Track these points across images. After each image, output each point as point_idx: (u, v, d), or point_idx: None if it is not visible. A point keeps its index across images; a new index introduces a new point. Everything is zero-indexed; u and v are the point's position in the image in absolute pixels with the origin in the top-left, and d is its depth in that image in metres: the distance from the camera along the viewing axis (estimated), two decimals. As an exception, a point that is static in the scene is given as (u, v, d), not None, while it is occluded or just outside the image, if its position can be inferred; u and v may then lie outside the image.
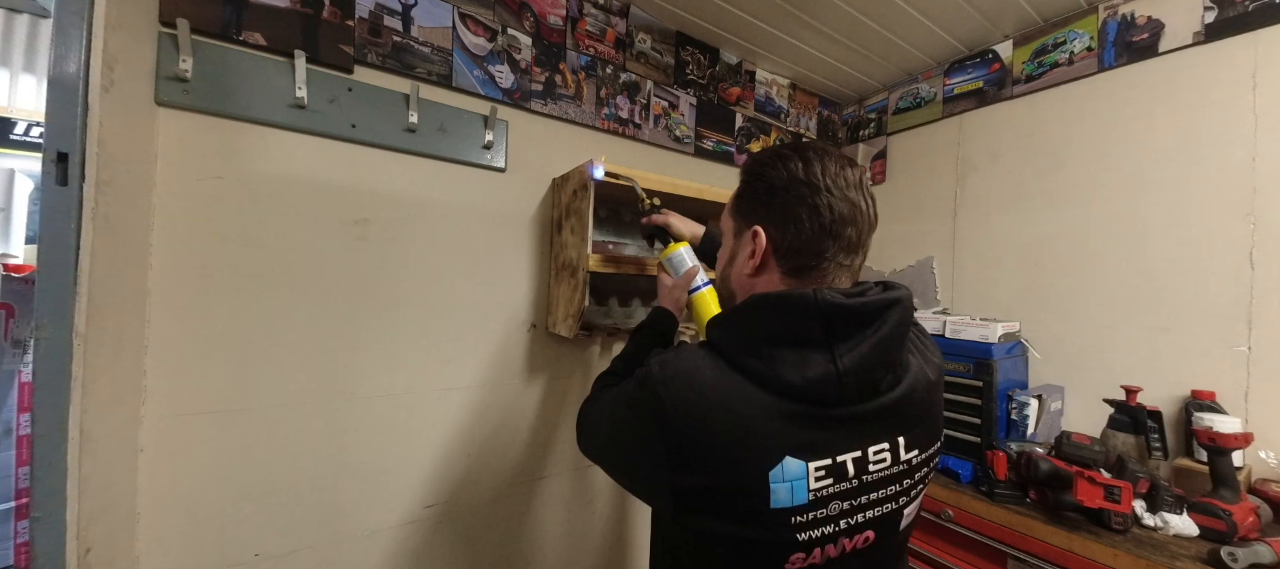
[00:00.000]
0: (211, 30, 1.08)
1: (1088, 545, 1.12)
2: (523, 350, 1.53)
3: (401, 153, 1.31)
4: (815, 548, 0.59)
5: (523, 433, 1.54)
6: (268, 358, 1.16)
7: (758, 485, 0.56)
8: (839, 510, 0.60)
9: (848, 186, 0.64)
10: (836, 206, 0.63)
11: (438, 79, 1.36)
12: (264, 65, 1.13)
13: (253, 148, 1.14)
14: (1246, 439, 1.13)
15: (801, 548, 0.59)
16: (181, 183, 1.07)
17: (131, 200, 0.98)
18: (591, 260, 1.28)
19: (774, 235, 0.66)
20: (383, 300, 1.30)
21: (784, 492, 0.57)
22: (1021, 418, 1.45)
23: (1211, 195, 1.36)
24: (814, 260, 0.64)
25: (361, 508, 1.29)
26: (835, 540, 0.60)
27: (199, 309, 1.09)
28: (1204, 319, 1.36)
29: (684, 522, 0.61)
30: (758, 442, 0.57)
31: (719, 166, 1.98)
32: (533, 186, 1.53)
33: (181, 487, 1.08)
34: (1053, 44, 1.70)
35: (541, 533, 1.59)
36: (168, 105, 1.05)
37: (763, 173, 0.68)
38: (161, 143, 1.05)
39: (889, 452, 0.62)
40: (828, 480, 0.58)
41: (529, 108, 1.51)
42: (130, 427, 1.02)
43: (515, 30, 1.48)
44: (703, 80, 1.91)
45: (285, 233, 1.18)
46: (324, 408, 1.23)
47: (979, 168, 1.88)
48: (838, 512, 0.60)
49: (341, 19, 1.21)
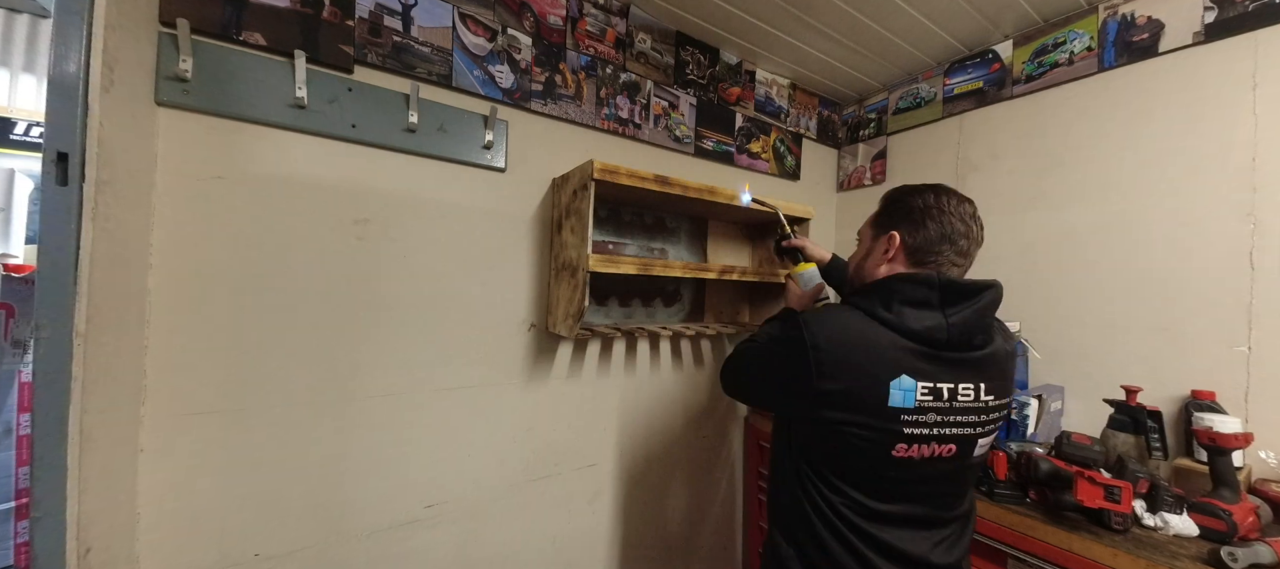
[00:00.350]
0: (211, 30, 1.08)
1: (1088, 545, 1.12)
2: (523, 350, 1.53)
3: (401, 153, 1.31)
4: (915, 444, 0.85)
5: (523, 432, 1.54)
6: (268, 358, 1.16)
7: (882, 389, 0.82)
8: (933, 421, 0.85)
9: (963, 213, 0.91)
10: (953, 223, 0.90)
11: (438, 79, 1.36)
12: (264, 65, 1.13)
13: (253, 148, 1.14)
14: (1246, 439, 1.13)
15: (904, 440, 0.84)
16: (182, 183, 1.07)
17: (131, 200, 0.98)
18: (592, 260, 1.28)
19: (906, 238, 0.92)
20: (383, 300, 1.30)
21: (898, 396, 0.83)
22: (1021, 418, 1.45)
23: (1212, 195, 1.36)
24: (931, 257, 0.90)
25: (361, 508, 1.29)
26: (928, 442, 0.86)
27: (199, 309, 1.09)
28: (1204, 319, 1.36)
29: (820, 416, 0.86)
30: (885, 361, 0.83)
31: (719, 166, 1.98)
32: (533, 186, 1.53)
33: (181, 487, 1.08)
34: (1053, 44, 1.70)
35: (543, 532, 1.59)
36: (168, 105, 1.05)
37: (903, 198, 0.95)
38: (162, 143, 1.05)
39: (973, 390, 0.87)
40: (929, 397, 0.84)
41: (529, 108, 1.51)
42: (130, 427, 1.02)
43: (515, 30, 1.48)
44: (703, 80, 1.91)
45: (285, 233, 1.18)
46: (324, 407, 1.23)
47: (979, 168, 1.88)
48: (932, 421, 0.85)
49: (341, 19, 1.21)
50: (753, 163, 2.08)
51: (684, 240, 1.88)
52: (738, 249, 2.02)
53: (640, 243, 1.77)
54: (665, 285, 1.84)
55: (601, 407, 1.71)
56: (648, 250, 1.78)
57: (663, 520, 1.86)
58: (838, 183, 2.42)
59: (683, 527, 1.91)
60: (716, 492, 2.02)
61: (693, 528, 1.93)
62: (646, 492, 1.82)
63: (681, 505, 1.91)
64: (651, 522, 1.83)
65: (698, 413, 1.94)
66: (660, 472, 1.85)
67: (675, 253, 1.85)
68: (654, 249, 1.80)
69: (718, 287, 1.96)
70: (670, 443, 1.87)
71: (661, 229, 1.82)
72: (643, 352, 1.80)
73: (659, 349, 1.84)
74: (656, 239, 1.81)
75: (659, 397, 1.84)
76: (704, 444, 1.96)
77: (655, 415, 1.83)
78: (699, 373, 1.95)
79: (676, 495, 1.89)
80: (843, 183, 2.39)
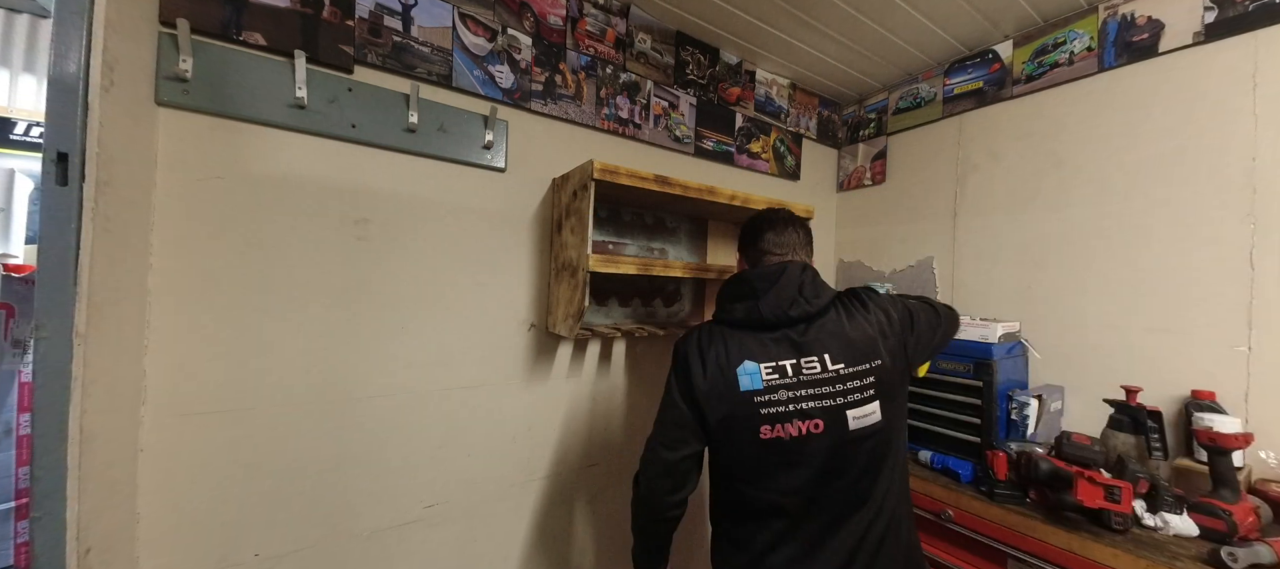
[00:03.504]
0: (211, 30, 1.08)
1: (1087, 545, 1.12)
2: (523, 350, 1.53)
3: (402, 153, 1.31)
4: (777, 423, 0.94)
5: (522, 432, 1.54)
6: (268, 358, 1.16)
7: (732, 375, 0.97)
8: (786, 398, 0.94)
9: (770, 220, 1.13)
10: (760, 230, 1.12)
11: (438, 79, 1.36)
12: (264, 65, 1.13)
13: (253, 148, 1.14)
14: (1246, 439, 1.13)
15: (766, 421, 0.94)
16: (182, 183, 1.07)
17: (132, 200, 0.98)
18: (592, 260, 1.28)
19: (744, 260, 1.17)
20: (383, 300, 1.30)
21: (746, 380, 0.96)
22: (1021, 418, 1.45)
23: (1211, 195, 1.36)
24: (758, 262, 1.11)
25: (361, 508, 1.29)
26: (789, 420, 0.94)
27: (199, 309, 1.09)
28: (1204, 319, 1.36)
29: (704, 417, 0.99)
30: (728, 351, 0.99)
31: (719, 166, 1.98)
32: (533, 186, 1.53)
33: (181, 487, 1.08)
34: (1053, 44, 1.70)
35: (543, 532, 1.59)
36: (168, 105, 1.05)
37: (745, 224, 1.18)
38: (162, 143, 1.05)
39: (817, 362, 0.95)
40: (774, 376, 0.95)
41: (529, 108, 1.51)
42: (130, 427, 1.02)
43: (515, 30, 1.48)
44: (703, 80, 1.91)
45: (285, 233, 1.18)
46: (324, 407, 1.23)
47: (979, 168, 1.88)
48: (785, 399, 0.94)
49: (341, 19, 1.21)
50: (753, 163, 2.08)
51: (684, 240, 1.88)
52: (738, 249, 2.02)
53: (640, 243, 1.77)
54: (665, 285, 1.84)
55: (602, 407, 1.71)
56: (648, 250, 1.78)
57: (663, 520, 1.86)
58: (838, 183, 2.42)
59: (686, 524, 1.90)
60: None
61: (694, 525, 1.93)
62: (646, 492, 1.81)
63: (681, 505, 1.90)
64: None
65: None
66: (660, 472, 1.85)
67: (675, 253, 1.85)
68: (654, 249, 1.80)
69: (717, 286, 1.95)
70: (670, 443, 1.87)
71: (661, 229, 1.82)
72: (642, 351, 1.80)
73: (659, 349, 1.84)
74: (656, 239, 1.81)
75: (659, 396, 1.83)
76: (704, 444, 1.96)
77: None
78: (699, 373, 1.94)
79: (676, 495, 1.89)
80: (843, 183, 2.39)
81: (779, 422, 0.93)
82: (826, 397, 0.94)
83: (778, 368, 0.95)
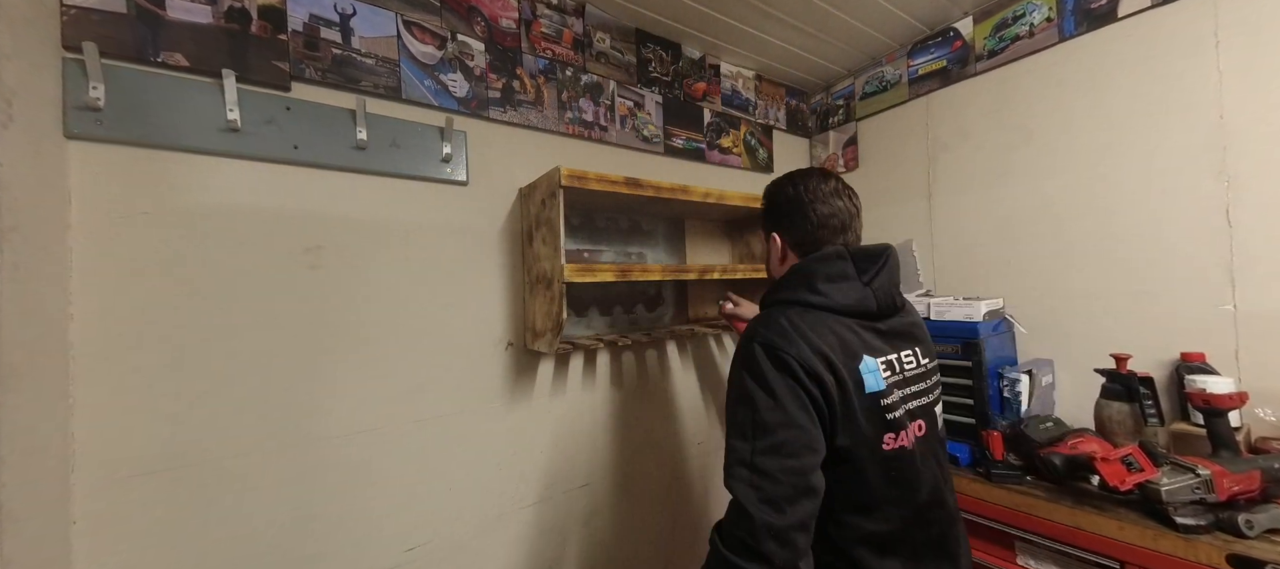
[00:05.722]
0: (125, 53, 0.98)
1: (1094, 520, 1.10)
2: (501, 371, 1.45)
3: (352, 172, 1.22)
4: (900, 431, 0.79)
5: (507, 458, 1.45)
6: (214, 406, 1.06)
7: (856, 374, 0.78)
8: (898, 399, 0.80)
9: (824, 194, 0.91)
10: (817, 209, 0.90)
11: (386, 92, 1.28)
12: (188, 87, 1.04)
13: (183, 178, 1.04)
14: (1241, 398, 1.12)
15: (891, 428, 0.79)
16: (102, 222, 0.97)
17: (44, 246, 0.88)
18: (567, 270, 1.21)
19: (786, 236, 0.95)
20: (343, 331, 1.21)
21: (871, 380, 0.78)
22: (1014, 395, 1.43)
23: (1182, 156, 1.36)
24: (814, 246, 0.91)
25: (334, 558, 1.19)
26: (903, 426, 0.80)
27: (131, 359, 0.99)
28: (1186, 280, 1.35)
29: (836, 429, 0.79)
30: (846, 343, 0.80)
31: (690, 164, 1.93)
32: (498, 198, 1.46)
33: (123, 559, 0.97)
34: (1012, 17, 1.70)
35: (538, 560, 1.51)
36: (80, 138, 0.95)
37: (773, 196, 0.97)
38: (75, 179, 0.95)
39: (913, 357, 0.86)
40: (888, 372, 0.81)
41: (487, 116, 1.44)
42: (60, 498, 0.92)
43: (466, 36, 1.41)
44: (667, 77, 1.86)
45: (228, 268, 1.08)
46: (282, 455, 1.13)
47: (949, 147, 1.87)
48: (898, 400, 0.80)
49: (273, 34, 1.12)
50: (724, 158, 2.03)
51: (661, 242, 1.82)
52: (717, 246, 1.98)
53: (617, 248, 1.71)
54: (646, 290, 1.77)
55: (589, 423, 1.63)
56: (625, 255, 1.72)
57: (664, 534, 1.79)
58: (811, 172, 2.39)
59: (686, 535, 1.84)
60: (721, 497, 1.95)
61: (697, 538, 1.87)
62: (645, 506, 1.74)
63: (683, 516, 1.84)
64: (652, 537, 1.76)
65: (691, 417, 1.88)
66: (659, 484, 1.78)
67: (653, 256, 1.79)
68: (631, 253, 1.74)
69: (700, 286, 1.90)
70: (666, 452, 1.80)
71: (638, 232, 1.76)
72: (628, 361, 1.73)
73: (645, 357, 1.77)
74: (633, 243, 1.74)
75: (650, 405, 1.77)
76: (701, 450, 1.90)
77: (647, 425, 1.76)
78: (688, 376, 1.89)
79: (677, 507, 1.83)
80: (816, 172, 2.37)
81: (899, 428, 0.79)
82: (923, 393, 0.84)
83: (889, 364, 0.81)
